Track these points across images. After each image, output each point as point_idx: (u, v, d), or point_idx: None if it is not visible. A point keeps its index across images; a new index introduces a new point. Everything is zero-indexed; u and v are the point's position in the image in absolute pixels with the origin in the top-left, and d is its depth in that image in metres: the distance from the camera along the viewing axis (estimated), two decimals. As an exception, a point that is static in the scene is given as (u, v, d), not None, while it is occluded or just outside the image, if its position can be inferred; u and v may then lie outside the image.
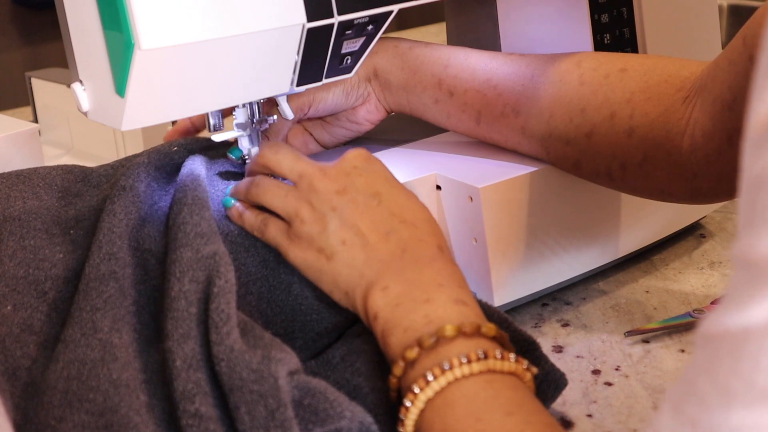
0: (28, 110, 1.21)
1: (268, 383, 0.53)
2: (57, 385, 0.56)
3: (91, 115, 0.65)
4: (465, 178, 0.73)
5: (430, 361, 0.55)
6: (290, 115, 0.74)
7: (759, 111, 0.35)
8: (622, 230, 0.83)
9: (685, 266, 0.86)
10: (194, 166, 0.69)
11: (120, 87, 0.61)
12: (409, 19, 1.84)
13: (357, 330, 0.63)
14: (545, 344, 0.74)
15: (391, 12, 0.71)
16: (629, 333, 0.75)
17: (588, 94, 0.72)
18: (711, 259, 0.87)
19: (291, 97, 0.74)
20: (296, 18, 0.66)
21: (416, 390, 0.54)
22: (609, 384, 0.69)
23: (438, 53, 0.78)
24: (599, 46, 0.80)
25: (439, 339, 0.55)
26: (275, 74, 0.68)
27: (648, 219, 0.85)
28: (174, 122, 0.83)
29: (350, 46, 0.71)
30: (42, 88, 1.11)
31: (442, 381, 0.53)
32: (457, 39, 0.87)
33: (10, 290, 0.63)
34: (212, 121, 0.71)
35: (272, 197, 0.65)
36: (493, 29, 0.83)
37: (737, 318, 0.35)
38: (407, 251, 0.61)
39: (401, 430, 0.54)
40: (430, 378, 0.54)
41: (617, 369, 0.70)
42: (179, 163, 0.72)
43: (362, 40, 0.72)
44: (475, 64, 0.77)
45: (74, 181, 0.72)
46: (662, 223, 0.87)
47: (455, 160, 0.78)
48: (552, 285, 0.80)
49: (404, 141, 0.83)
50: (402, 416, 0.54)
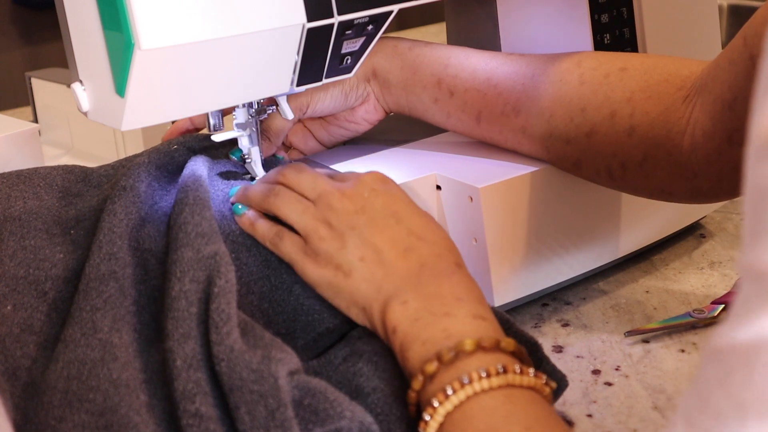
0: (28, 110, 1.21)
1: (268, 383, 0.53)
2: (57, 385, 0.56)
3: (91, 115, 0.65)
4: (465, 178, 0.73)
5: (449, 375, 0.54)
6: (290, 115, 0.73)
7: (762, 122, 0.35)
8: (622, 230, 0.83)
9: (685, 266, 0.86)
10: (196, 167, 0.69)
11: (120, 87, 0.61)
12: (409, 19, 1.84)
13: (359, 332, 0.63)
14: (545, 344, 0.74)
15: (391, 12, 0.71)
16: (629, 333, 0.75)
17: (588, 94, 0.72)
18: (711, 259, 0.87)
19: (290, 98, 0.74)
20: (296, 18, 0.66)
21: (435, 404, 0.53)
22: (609, 384, 0.69)
23: (438, 53, 0.78)
24: (599, 46, 0.80)
25: (459, 353, 0.55)
26: (275, 74, 0.68)
27: (648, 219, 0.85)
28: (173, 122, 0.83)
29: (350, 46, 0.71)
30: (42, 88, 1.11)
31: (462, 395, 0.53)
32: (457, 39, 0.87)
33: (10, 290, 0.63)
34: (212, 121, 0.71)
35: (291, 211, 0.65)
36: (493, 29, 0.83)
37: (748, 330, 0.34)
38: (426, 267, 0.61)
39: None
40: (450, 392, 0.53)
41: (617, 369, 0.70)
42: (180, 163, 0.72)
43: (362, 40, 0.72)
44: (476, 64, 0.77)
45: (75, 181, 0.72)
46: (662, 223, 0.87)
47: (455, 160, 0.78)
48: (552, 285, 0.80)
49: (404, 141, 0.83)
50: (421, 430, 0.54)
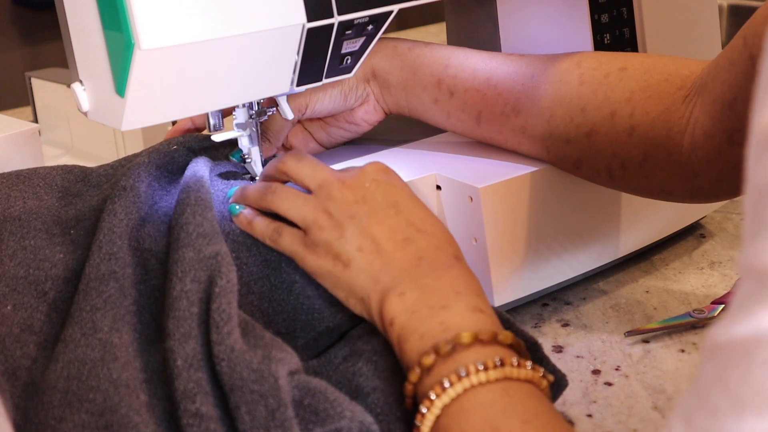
0: (28, 110, 1.21)
1: (269, 383, 0.53)
2: (57, 385, 0.56)
3: (91, 115, 0.65)
4: (465, 178, 0.73)
5: (447, 368, 0.54)
6: (290, 115, 0.73)
7: (762, 119, 0.35)
8: (622, 230, 0.83)
9: (685, 266, 0.86)
10: (197, 168, 0.69)
11: (120, 87, 0.61)
12: (409, 19, 1.84)
13: (359, 331, 0.63)
14: (545, 344, 0.74)
15: (391, 12, 0.71)
16: (629, 333, 0.75)
17: (588, 94, 0.72)
18: (711, 259, 0.87)
19: (289, 98, 0.74)
20: (296, 18, 0.66)
21: (432, 396, 0.53)
22: (609, 384, 0.69)
23: (438, 53, 0.78)
24: (599, 46, 0.80)
25: (456, 346, 0.55)
26: (275, 74, 0.68)
27: (648, 219, 0.85)
28: (174, 122, 0.83)
29: (350, 46, 0.71)
30: (42, 88, 1.11)
31: (459, 388, 0.53)
32: (457, 39, 0.87)
33: (10, 290, 0.63)
34: (212, 121, 0.71)
35: (290, 206, 0.65)
36: (493, 29, 0.83)
37: (746, 326, 0.34)
38: (424, 259, 0.61)
39: None
40: (447, 385, 0.53)
41: (617, 369, 0.70)
42: (180, 163, 0.72)
43: (362, 40, 0.72)
44: (475, 64, 0.77)
45: (74, 181, 0.72)
46: (662, 223, 0.87)
47: (455, 160, 0.78)
48: (552, 285, 0.80)
49: (404, 141, 0.83)
50: (418, 423, 0.54)
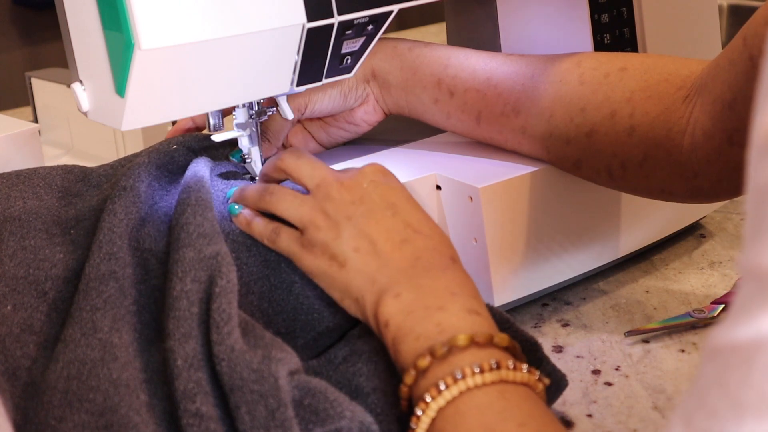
0: (28, 110, 1.21)
1: (269, 383, 0.53)
2: (57, 385, 0.56)
3: (91, 115, 0.65)
4: (465, 178, 0.73)
5: (442, 371, 0.54)
6: (290, 115, 0.73)
7: (763, 122, 0.35)
8: (622, 230, 0.83)
9: (685, 266, 0.86)
10: (198, 168, 0.69)
11: (120, 87, 0.61)
12: (409, 19, 1.84)
13: (359, 331, 0.63)
14: (545, 344, 0.74)
15: (391, 12, 0.71)
16: (629, 333, 0.75)
17: (588, 94, 0.72)
18: (711, 259, 0.87)
19: (288, 98, 0.74)
20: (296, 18, 0.66)
21: (428, 399, 0.53)
22: (609, 384, 0.69)
23: (437, 53, 0.78)
24: (599, 46, 0.80)
25: (452, 348, 0.55)
26: (275, 74, 0.68)
27: (648, 219, 0.85)
28: (174, 122, 0.83)
29: (350, 46, 0.71)
30: (42, 88, 1.11)
31: (455, 390, 0.53)
32: (457, 39, 0.87)
33: (10, 290, 0.63)
34: (212, 121, 0.71)
35: (287, 206, 0.65)
36: (493, 29, 0.83)
37: (747, 329, 0.34)
38: (420, 260, 0.61)
39: None
40: (442, 387, 0.53)
41: (617, 369, 0.70)
42: (180, 162, 0.72)
43: (362, 40, 0.72)
44: (475, 64, 0.77)
45: (74, 181, 0.72)
46: (662, 223, 0.87)
47: (455, 160, 0.78)
48: (552, 285, 0.80)
49: (404, 141, 0.83)
50: (413, 425, 0.54)
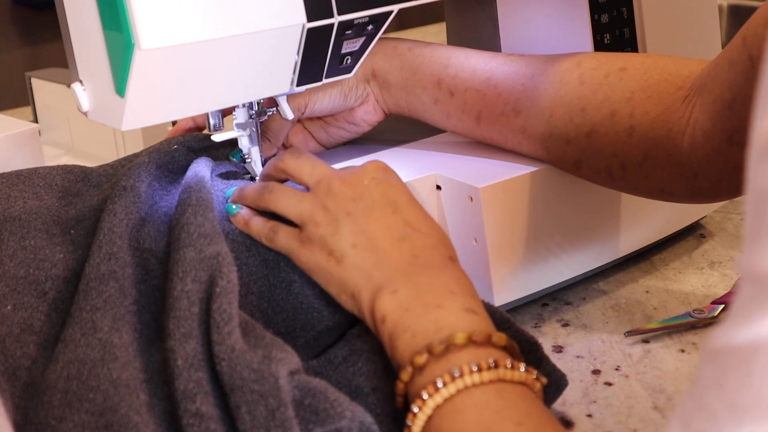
0: (28, 110, 1.21)
1: (269, 383, 0.53)
2: (57, 385, 0.56)
3: (91, 115, 0.65)
4: (465, 178, 0.73)
5: (440, 368, 0.54)
6: (290, 115, 0.73)
7: (763, 125, 0.35)
8: (622, 230, 0.83)
9: (685, 266, 0.86)
10: (199, 168, 0.69)
11: (120, 87, 0.61)
12: (409, 19, 1.84)
13: (359, 330, 0.63)
14: (545, 344, 0.74)
15: (391, 12, 0.71)
16: (629, 333, 0.75)
17: (588, 94, 0.72)
18: (711, 259, 0.87)
19: (288, 98, 0.74)
20: (296, 18, 0.66)
21: (425, 396, 0.53)
22: (609, 384, 0.69)
23: (438, 53, 0.78)
24: (599, 46, 0.80)
25: (449, 346, 0.55)
26: (275, 74, 0.68)
27: (648, 219, 0.85)
28: (174, 122, 0.83)
29: (350, 46, 0.71)
30: (42, 88, 1.11)
31: (452, 388, 0.53)
32: (457, 39, 0.87)
33: (11, 290, 0.63)
34: (212, 121, 0.71)
35: (287, 203, 0.65)
36: (493, 29, 0.83)
37: (746, 332, 0.34)
38: (419, 258, 0.61)
39: None
40: (440, 385, 0.53)
41: (617, 369, 0.70)
42: (180, 162, 0.72)
43: (362, 40, 0.72)
44: (475, 64, 0.77)
45: (74, 181, 0.72)
46: (662, 223, 0.87)
47: (455, 160, 0.78)
48: (552, 285, 0.80)
49: (404, 141, 0.83)
50: (409, 422, 0.54)
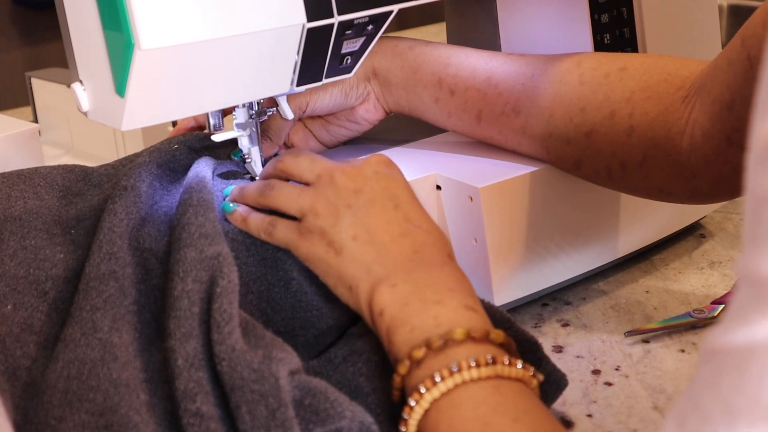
0: (28, 110, 1.21)
1: (269, 383, 0.53)
2: (57, 385, 0.56)
3: (91, 115, 0.65)
4: (465, 178, 0.73)
5: (438, 363, 0.54)
6: (290, 115, 0.74)
7: (762, 129, 0.35)
8: (622, 230, 0.83)
9: (685, 266, 0.86)
10: (200, 168, 0.69)
11: (120, 87, 0.61)
12: (409, 19, 1.84)
13: (359, 330, 0.63)
14: (545, 344, 0.74)
15: (391, 12, 0.71)
16: (629, 333, 0.75)
17: (588, 94, 0.72)
18: (711, 259, 0.87)
19: (289, 97, 0.74)
20: (296, 18, 0.66)
21: (422, 390, 0.53)
22: (609, 384, 0.69)
23: (438, 52, 0.78)
24: (599, 46, 0.80)
25: (448, 341, 0.55)
26: (275, 74, 0.68)
27: (648, 219, 0.85)
28: (174, 123, 0.83)
29: (350, 46, 0.71)
30: (42, 88, 1.11)
31: (450, 383, 0.53)
32: (457, 39, 0.87)
33: (11, 290, 0.63)
34: (212, 121, 0.71)
35: (287, 198, 0.65)
36: (493, 29, 0.83)
37: (742, 334, 0.34)
38: (419, 254, 0.61)
39: (403, 430, 0.54)
40: (438, 379, 0.53)
41: (617, 369, 0.70)
42: (181, 162, 0.72)
43: (362, 40, 0.72)
44: (475, 63, 0.77)
45: (75, 181, 0.72)
46: (662, 223, 0.87)
47: (455, 160, 0.78)
48: (552, 285, 0.80)
49: (404, 141, 0.83)
50: (405, 415, 0.54)
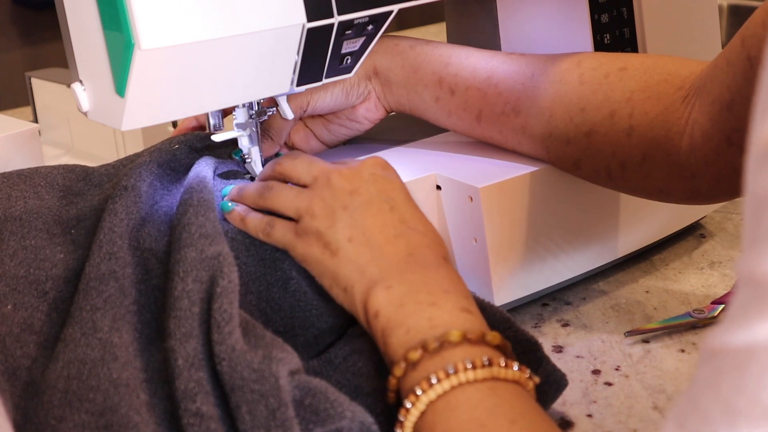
0: (28, 110, 1.21)
1: (269, 383, 0.53)
2: (57, 385, 0.56)
3: (91, 115, 0.65)
4: (465, 178, 0.73)
5: (434, 365, 0.54)
6: (290, 115, 0.74)
7: (762, 130, 0.35)
8: (622, 230, 0.83)
9: (685, 266, 0.86)
10: (200, 168, 0.69)
11: (120, 87, 0.61)
12: (409, 19, 1.84)
13: (359, 330, 0.63)
14: (545, 344, 0.74)
15: (391, 12, 0.71)
16: (629, 333, 0.75)
17: (588, 94, 0.72)
18: (711, 259, 0.87)
19: (289, 97, 0.74)
20: (296, 18, 0.66)
21: (418, 392, 0.53)
22: (609, 384, 0.69)
23: (439, 51, 0.78)
24: (599, 46, 0.80)
25: (444, 343, 0.55)
26: (275, 74, 0.68)
27: (648, 219, 0.85)
28: (174, 123, 0.83)
29: (350, 46, 0.71)
30: (42, 88, 1.11)
31: (446, 385, 0.53)
32: (457, 39, 0.87)
33: (11, 290, 0.63)
34: (212, 121, 0.71)
35: (284, 199, 0.65)
36: (493, 29, 0.83)
37: (742, 335, 0.34)
38: (414, 255, 0.61)
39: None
40: (434, 381, 0.53)
41: (617, 369, 0.70)
42: (182, 161, 0.72)
43: (362, 40, 0.72)
44: (476, 63, 0.77)
45: (76, 181, 0.72)
46: (662, 223, 0.87)
47: (455, 160, 0.78)
48: (552, 285, 0.80)
49: (404, 141, 0.83)
50: (401, 417, 0.54)
